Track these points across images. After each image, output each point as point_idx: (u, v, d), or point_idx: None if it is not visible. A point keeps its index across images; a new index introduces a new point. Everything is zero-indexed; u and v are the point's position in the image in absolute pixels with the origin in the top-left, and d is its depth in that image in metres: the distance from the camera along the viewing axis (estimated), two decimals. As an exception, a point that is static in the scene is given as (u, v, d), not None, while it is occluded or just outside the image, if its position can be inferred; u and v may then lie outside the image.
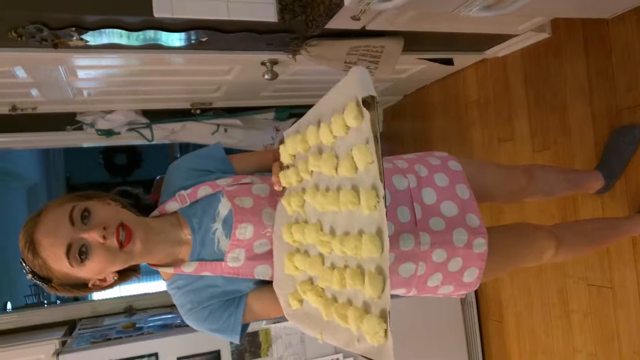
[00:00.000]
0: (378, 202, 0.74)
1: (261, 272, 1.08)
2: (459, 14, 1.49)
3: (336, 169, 0.85)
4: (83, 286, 1.05)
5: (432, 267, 1.10)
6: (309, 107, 0.96)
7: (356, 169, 0.80)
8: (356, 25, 1.66)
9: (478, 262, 1.14)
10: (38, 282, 1.01)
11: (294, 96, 2.73)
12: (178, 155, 5.83)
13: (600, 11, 1.75)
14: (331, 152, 0.87)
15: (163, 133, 2.64)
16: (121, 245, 0.98)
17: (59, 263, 0.98)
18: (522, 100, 2.23)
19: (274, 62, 1.96)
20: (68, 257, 0.97)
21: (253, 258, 1.06)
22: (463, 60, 2.41)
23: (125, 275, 1.11)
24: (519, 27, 1.98)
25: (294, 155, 1.02)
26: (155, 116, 2.61)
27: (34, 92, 2.07)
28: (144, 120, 2.58)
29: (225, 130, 2.73)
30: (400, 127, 3.22)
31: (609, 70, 1.83)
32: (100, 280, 1.06)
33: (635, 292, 1.81)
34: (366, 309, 0.76)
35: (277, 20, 1.57)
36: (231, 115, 2.72)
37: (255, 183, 1.13)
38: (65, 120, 2.45)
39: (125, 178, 8.03)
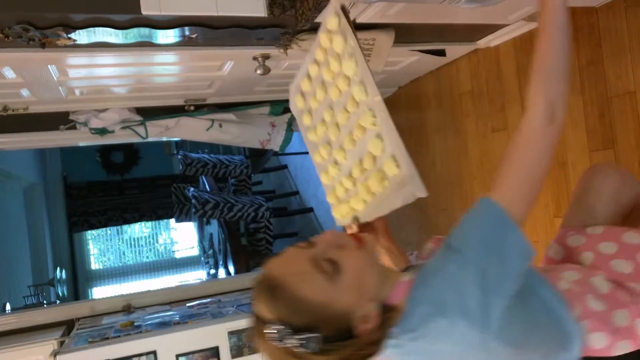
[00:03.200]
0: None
1: None
2: (448, 6, 1.48)
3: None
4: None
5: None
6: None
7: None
8: (346, 19, 1.66)
9: None
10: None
11: (287, 90, 2.72)
12: (174, 152, 5.81)
13: (589, -1, 1.75)
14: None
15: (157, 130, 2.63)
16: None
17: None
18: (514, 89, 2.23)
19: (266, 57, 1.95)
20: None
21: None
22: (455, 51, 2.40)
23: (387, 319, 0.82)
24: (509, 16, 1.97)
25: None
26: (148, 113, 2.60)
27: (25, 92, 2.06)
28: (138, 117, 2.56)
29: (220, 126, 2.72)
30: (396, 119, 3.14)
31: (599, 58, 1.83)
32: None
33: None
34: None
35: (266, 15, 1.56)
36: (225, 110, 2.72)
37: None
38: (58, 120, 2.44)
39: (123, 176, 8.03)
